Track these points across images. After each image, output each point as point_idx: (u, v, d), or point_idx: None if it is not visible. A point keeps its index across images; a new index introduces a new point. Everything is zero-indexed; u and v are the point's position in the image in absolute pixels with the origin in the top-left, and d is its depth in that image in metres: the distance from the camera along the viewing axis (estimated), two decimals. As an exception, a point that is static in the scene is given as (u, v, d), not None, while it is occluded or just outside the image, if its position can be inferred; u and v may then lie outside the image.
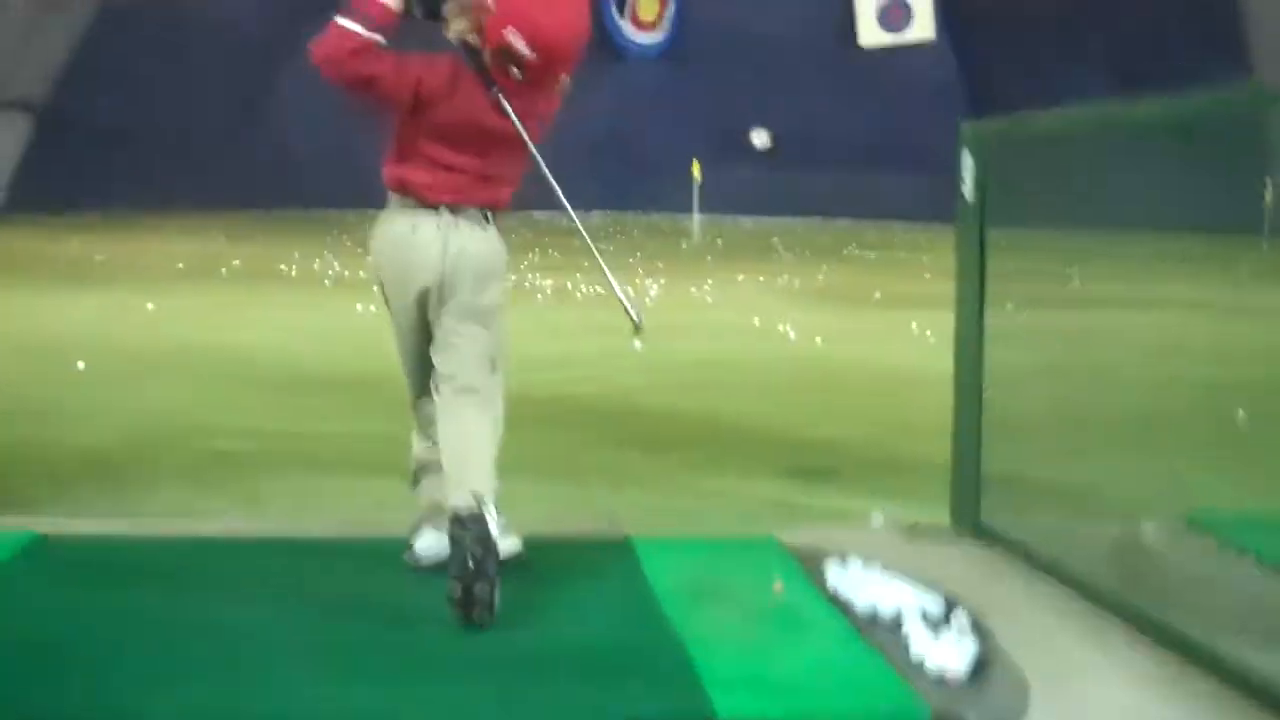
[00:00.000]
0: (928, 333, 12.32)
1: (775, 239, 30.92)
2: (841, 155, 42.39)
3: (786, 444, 7.36)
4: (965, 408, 4.71)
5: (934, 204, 40.56)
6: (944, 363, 5.12)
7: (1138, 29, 35.03)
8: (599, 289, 16.00)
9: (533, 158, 4.11)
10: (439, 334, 4.15)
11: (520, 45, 3.91)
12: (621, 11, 44.61)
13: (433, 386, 4.19)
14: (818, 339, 12.03)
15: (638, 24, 44.80)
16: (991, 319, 4.59)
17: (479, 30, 4.03)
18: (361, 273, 18.28)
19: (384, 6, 3.91)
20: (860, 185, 42.33)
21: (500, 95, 4.00)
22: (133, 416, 7.46)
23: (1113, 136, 3.95)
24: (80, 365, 9.03)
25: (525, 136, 4.02)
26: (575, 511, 5.60)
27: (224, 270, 17.67)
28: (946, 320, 5.12)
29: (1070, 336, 4.28)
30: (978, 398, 4.56)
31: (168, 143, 33.39)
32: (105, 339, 10.53)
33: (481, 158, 4.08)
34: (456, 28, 4.03)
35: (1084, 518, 4.29)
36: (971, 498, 4.58)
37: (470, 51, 4.06)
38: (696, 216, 30.87)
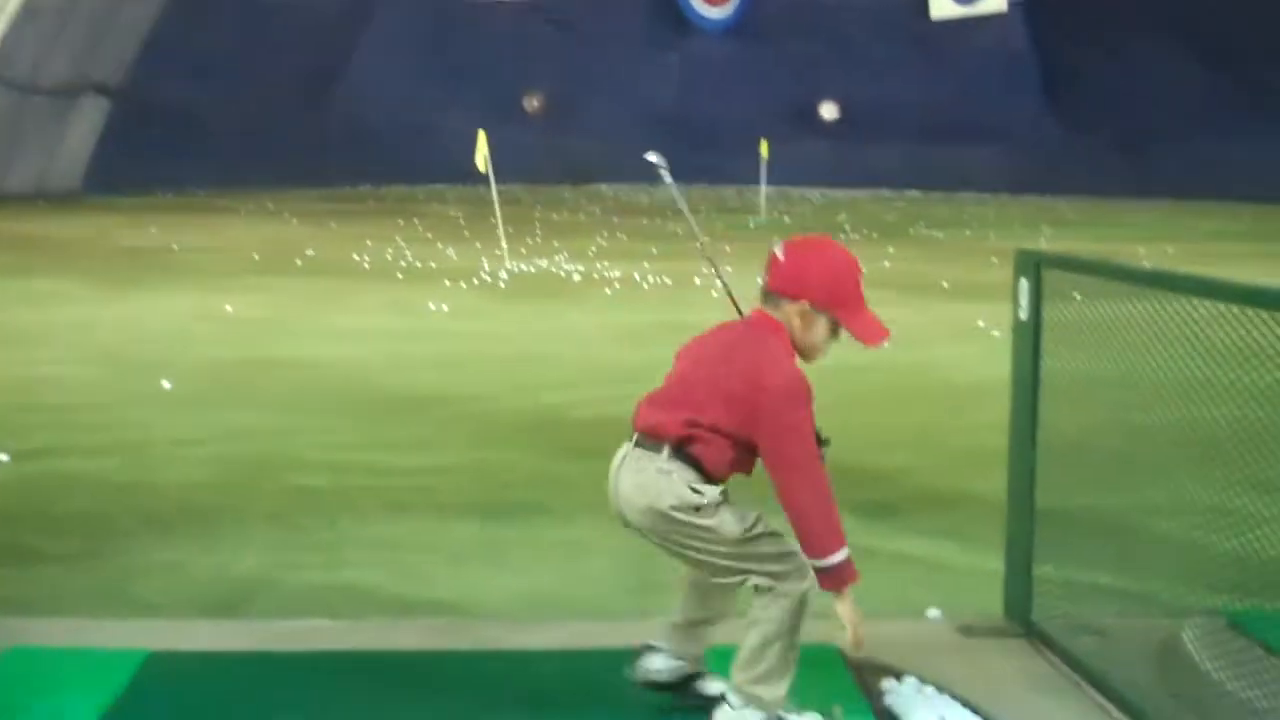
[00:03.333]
0: (995, 332, 12.41)
1: (842, 215, 30.86)
2: (911, 127, 42.21)
3: (850, 475, 7.43)
4: (1019, 519, 4.79)
5: (1002, 174, 40.30)
6: (1007, 366, 5.20)
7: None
8: (669, 280, 16.21)
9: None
10: None
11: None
12: (693, -14, 44.49)
13: None
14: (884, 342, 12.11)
15: (708, -1, 44.73)
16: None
17: None
18: (433, 263, 18.56)
19: None
20: (929, 157, 42.16)
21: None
22: (218, 447, 7.71)
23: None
24: (166, 385, 9.33)
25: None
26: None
27: (298, 261, 17.99)
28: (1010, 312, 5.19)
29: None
30: (1030, 508, 4.65)
31: (241, 124, 33.83)
32: (187, 350, 10.84)
33: (681, 383, 3.86)
34: None
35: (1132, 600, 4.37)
36: (1024, 596, 4.68)
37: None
38: (764, 190, 30.93)
